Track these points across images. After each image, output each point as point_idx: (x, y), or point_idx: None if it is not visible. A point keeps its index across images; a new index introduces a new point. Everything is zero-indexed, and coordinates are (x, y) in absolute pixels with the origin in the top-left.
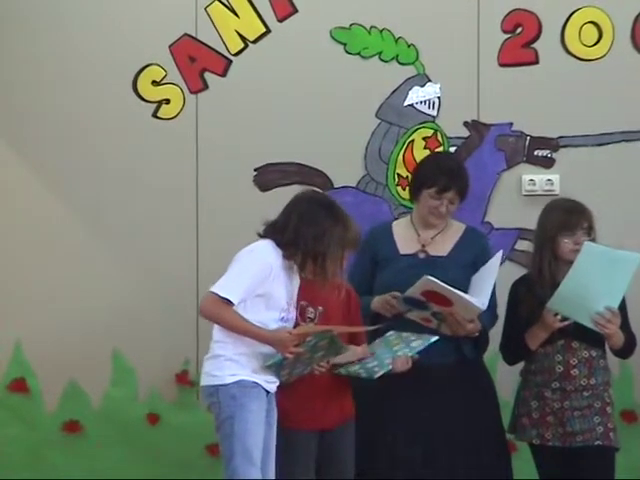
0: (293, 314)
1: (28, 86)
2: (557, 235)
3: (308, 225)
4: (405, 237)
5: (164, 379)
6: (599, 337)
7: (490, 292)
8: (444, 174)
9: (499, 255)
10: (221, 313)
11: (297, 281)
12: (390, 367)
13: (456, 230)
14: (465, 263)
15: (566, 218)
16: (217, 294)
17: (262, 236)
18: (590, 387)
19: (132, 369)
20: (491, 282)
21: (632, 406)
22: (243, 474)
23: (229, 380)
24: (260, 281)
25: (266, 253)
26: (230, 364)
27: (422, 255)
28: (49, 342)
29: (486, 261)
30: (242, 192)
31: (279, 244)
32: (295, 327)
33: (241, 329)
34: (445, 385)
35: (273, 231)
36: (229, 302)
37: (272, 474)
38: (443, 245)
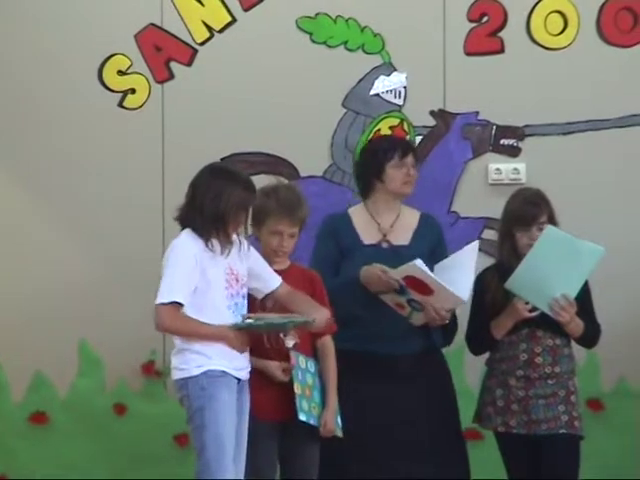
0: (240, 287)
1: None
2: (513, 229)
3: (205, 192)
4: (365, 226)
5: (131, 370)
6: None
7: (472, 283)
8: (396, 143)
9: (476, 245)
10: (178, 323)
11: (243, 254)
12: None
13: (412, 216)
14: (425, 251)
15: (522, 212)
16: (163, 303)
17: (180, 222)
18: (554, 375)
19: (99, 360)
20: (471, 273)
21: (598, 395)
22: (216, 466)
23: (196, 372)
24: (194, 272)
25: (186, 245)
26: (196, 357)
27: (385, 245)
28: (15, 333)
29: (442, 247)
30: None
31: (195, 229)
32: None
33: (201, 333)
34: (409, 375)
35: (183, 215)
36: (178, 304)
37: (243, 462)
38: (403, 233)
